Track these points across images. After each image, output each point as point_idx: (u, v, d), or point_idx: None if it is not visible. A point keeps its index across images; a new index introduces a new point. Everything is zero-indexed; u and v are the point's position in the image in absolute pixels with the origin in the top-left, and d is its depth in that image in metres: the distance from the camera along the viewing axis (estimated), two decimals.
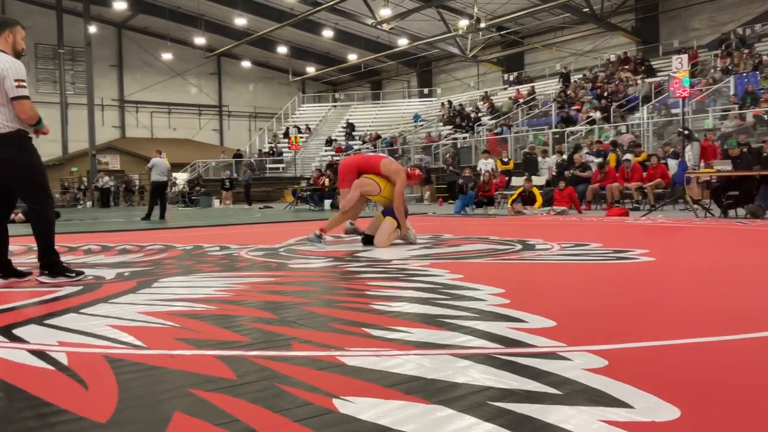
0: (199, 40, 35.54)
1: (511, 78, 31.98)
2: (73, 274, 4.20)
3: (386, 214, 6.33)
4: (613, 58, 26.54)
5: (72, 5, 32.82)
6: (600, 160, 14.93)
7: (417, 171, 6.98)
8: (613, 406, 1.62)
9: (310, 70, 39.69)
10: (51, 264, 4.16)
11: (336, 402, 1.69)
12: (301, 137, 31.06)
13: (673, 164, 13.02)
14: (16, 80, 3.94)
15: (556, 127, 21.33)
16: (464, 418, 1.57)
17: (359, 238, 6.58)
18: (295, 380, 1.90)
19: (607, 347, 2.21)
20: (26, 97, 3.99)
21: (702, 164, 12.47)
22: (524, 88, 28.65)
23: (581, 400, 1.67)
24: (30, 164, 4.10)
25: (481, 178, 15.14)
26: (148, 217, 14.07)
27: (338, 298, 3.47)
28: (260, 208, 20.38)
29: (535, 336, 2.38)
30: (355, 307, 3.12)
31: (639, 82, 22.26)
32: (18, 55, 4.12)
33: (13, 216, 5.07)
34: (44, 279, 4.12)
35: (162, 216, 14.26)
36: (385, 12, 28.11)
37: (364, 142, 31.23)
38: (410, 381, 1.88)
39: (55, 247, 4.22)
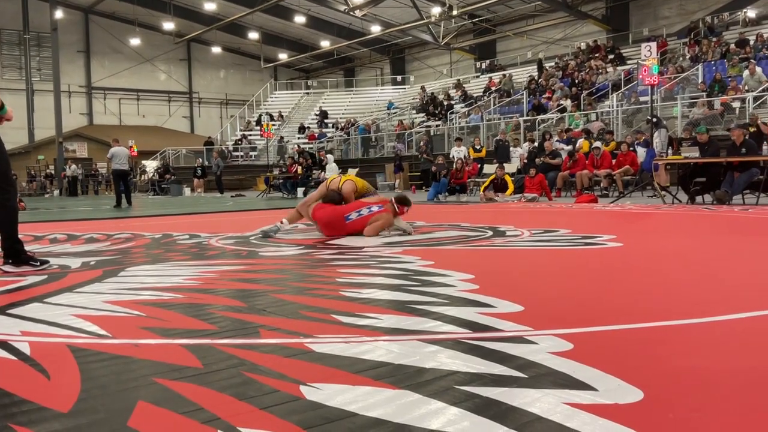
0: (168, 26, 34.88)
1: (484, 66, 32.05)
2: (38, 263, 4.12)
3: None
4: (583, 46, 26.73)
5: None
6: (570, 147, 15.07)
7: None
8: (577, 389, 1.64)
9: (282, 56, 39.30)
10: (15, 253, 4.08)
11: (303, 389, 1.68)
12: (273, 125, 30.76)
13: (641, 152, 13.20)
14: None
15: (527, 115, 21.45)
16: (431, 402, 1.58)
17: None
18: (262, 368, 1.89)
19: (573, 331, 2.23)
20: None
21: (670, 151, 12.66)
22: (496, 76, 28.74)
23: (546, 383, 1.69)
24: None
25: (454, 165, 15.18)
26: (118, 204, 13.96)
27: (309, 286, 3.45)
28: (232, 197, 20.21)
29: (502, 321, 2.40)
30: (326, 294, 3.11)
31: (609, 70, 22.47)
32: None
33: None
34: (8, 268, 4.03)
35: (129, 202, 14.13)
36: None
37: (337, 129, 31.09)
38: (378, 367, 1.88)
39: (19, 236, 4.14)
